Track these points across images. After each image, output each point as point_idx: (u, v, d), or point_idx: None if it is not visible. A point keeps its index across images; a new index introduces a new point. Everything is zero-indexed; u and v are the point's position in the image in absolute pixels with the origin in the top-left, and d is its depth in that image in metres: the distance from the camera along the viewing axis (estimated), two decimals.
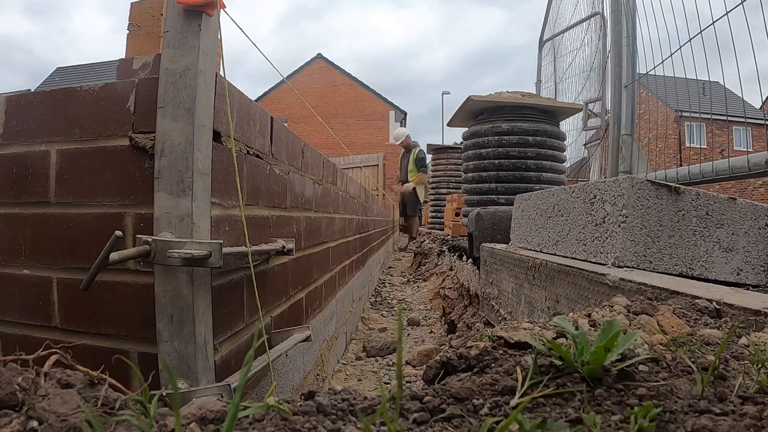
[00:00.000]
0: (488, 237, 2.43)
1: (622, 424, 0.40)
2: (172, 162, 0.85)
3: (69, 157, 0.94)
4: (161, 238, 0.81)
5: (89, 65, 20.27)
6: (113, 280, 0.89)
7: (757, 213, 1.32)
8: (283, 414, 0.41)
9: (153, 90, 0.88)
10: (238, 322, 1.04)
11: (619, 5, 2.92)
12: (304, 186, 1.62)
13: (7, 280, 0.97)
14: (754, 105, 16.63)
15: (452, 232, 4.93)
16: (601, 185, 1.35)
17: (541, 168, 3.46)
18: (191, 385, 0.82)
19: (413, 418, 0.43)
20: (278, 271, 1.32)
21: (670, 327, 0.67)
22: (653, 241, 1.23)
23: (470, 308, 2.69)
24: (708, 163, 2.04)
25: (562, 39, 5.73)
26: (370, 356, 2.48)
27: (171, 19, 0.88)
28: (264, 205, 1.21)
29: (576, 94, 5.27)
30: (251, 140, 1.12)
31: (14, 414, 0.40)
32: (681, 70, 2.17)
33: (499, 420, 0.42)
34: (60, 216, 0.94)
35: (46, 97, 0.97)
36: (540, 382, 0.49)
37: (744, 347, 0.59)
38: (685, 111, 14.62)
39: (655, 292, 0.91)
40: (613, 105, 2.98)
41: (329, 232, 2.11)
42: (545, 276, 1.44)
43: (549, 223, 1.68)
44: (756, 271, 1.32)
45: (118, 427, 0.39)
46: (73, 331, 0.92)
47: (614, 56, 2.97)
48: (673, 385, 0.47)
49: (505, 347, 0.61)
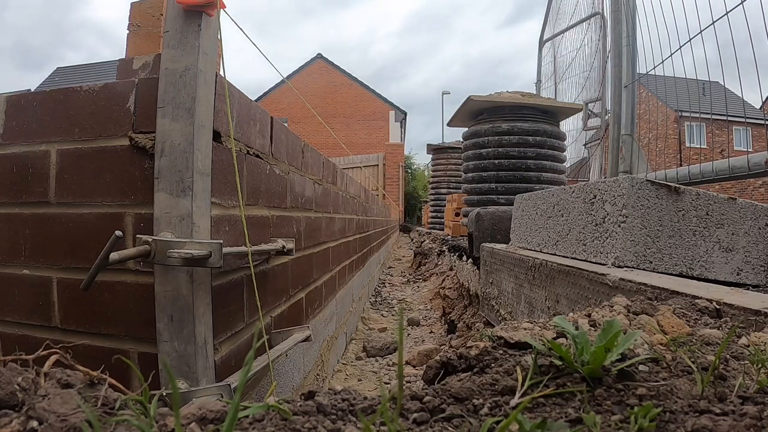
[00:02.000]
0: (488, 237, 2.43)
1: (622, 424, 0.40)
2: (172, 162, 0.85)
3: (69, 157, 0.94)
4: (161, 238, 0.81)
5: (89, 65, 20.29)
6: (113, 280, 0.89)
7: (757, 213, 1.32)
8: (283, 414, 0.41)
9: (153, 90, 0.88)
10: (238, 322, 1.04)
11: (619, 5, 2.92)
12: (304, 186, 1.62)
13: (7, 280, 0.97)
14: (753, 105, 16.63)
15: (452, 232, 4.93)
16: (601, 185, 1.35)
17: (541, 168, 3.46)
18: (191, 385, 0.82)
19: (413, 418, 0.43)
20: (278, 271, 1.32)
21: (670, 327, 0.67)
22: (653, 241, 1.23)
23: (470, 308, 2.69)
24: (708, 163, 2.03)
25: (562, 39, 5.73)
26: (370, 356, 2.48)
27: (171, 19, 0.88)
28: (264, 205, 1.21)
29: (576, 94, 5.27)
30: (251, 140, 1.12)
31: (14, 414, 0.40)
32: (687, 68, 2.16)
33: (499, 420, 0.42)
34: (60, 216, 0.94)
35: (46, 97, 0.97)
36: (540, 382, 0.49)
37: (744, 347, 0.59)
38: (685, 111, 14.63)
39: (655, 292, 0.91)
40: (613, 105, 2.98)
41: (329, 232, 2.11)
42: (545, 276, 1.44)
43: (549, 223, 1.68)
44: (756, 271, 1.32)
45: (118, 427, 0.39)
46: (73, 331, 0.92)
47: (614, 56, 2.97)
48: (673, 385, 0.47)
49: (505, 347, 0.61)
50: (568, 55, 5.56)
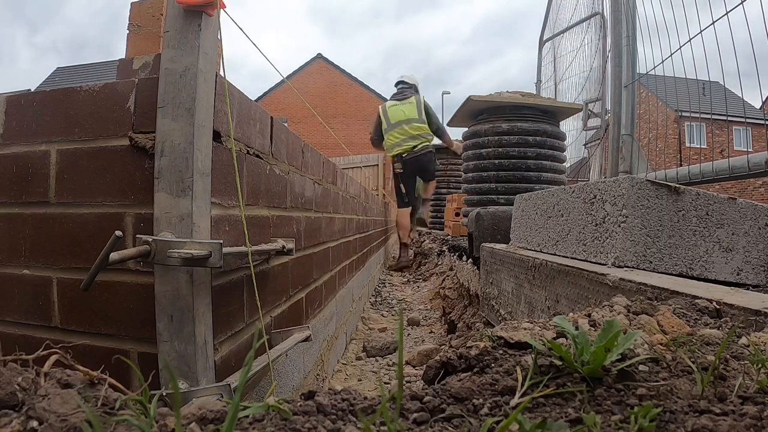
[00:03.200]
0: (488, 237, 2.43)
1: (622, 424, 0.40)
2: (172, 162, 0.85)
3: (69, 157, 0.94)
4: (161, 238, 0.81)
5: (89, 65, 20.30)
6: (113, 280, 0.89)
7: (757, 213, 1.32)
8: (283, 414, 0.41)
9: (153, 90, 0.88)
10: (238, 322, 1.04)
11: (619, 5, 2.92)
12: (304, 186, 1.62)
13: (7, 280, 0.97)
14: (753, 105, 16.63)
15: (452, 232, 4.93)
16: (601, 185, 1.35)
17: (541, 168, 3.46)
18: (191, 385, 0.82)
19: (413, 418, 0.43)
20: (278, 271, 1.32)
21: (670, 327, 0.67)
22: (653, 241, 1.23)
23: (470, 308, 2.69)
24: (708, 163, 2.03)
25: (562, 39, 5.73)
26: (370, 356, 2.48)
27: (171, 19, 0.88)
28: (264, 205, 1.21)
29: (576, 94, 5.27)
30: (251, 140, 1.12)
31: (14, 414, 0.40)
32: (687, 69, 2.16)
33: (499, 420, 0.42)
34: (60, 216, 0.94)
35: (46, 97, 0.97)
36: (540, 382, 0.49)
37: (744, 347, 0.59)
38: (685, 111, 14.63)
39: (655, 292, 0.91)
40: (613, 105, 2.98)
41: (329, 232, 2.11)
42: (545, 276, 1.44)
43: (549, 223, 1.68)
44: (756, 271, 1.32)
45: (118, 427, 0.39)
46: (73, 331, 0.92)
47: (614, 56, 2.96)
48: (673, 385, 0.47)
49: (505, 347, 0.61)
50: (568, 55, 5.57)
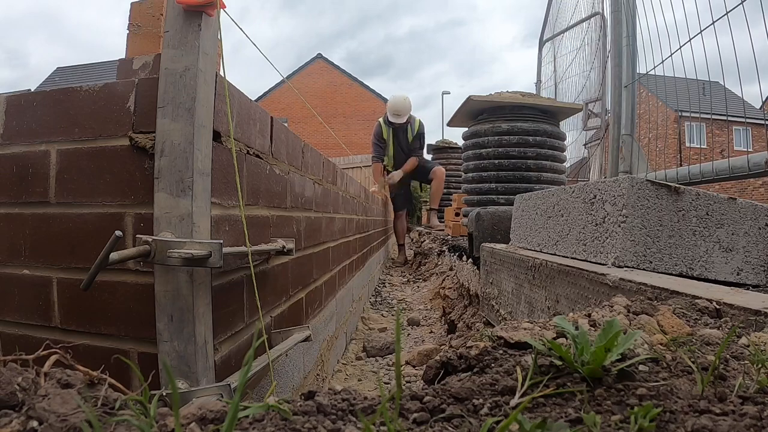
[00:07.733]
0: (488, 237, 2.43)
1: (622, 424, 0.40)
2: (172, 162, 0.85)
3: (69, 157, 0.94)
4: (161, 238, 0.81)
5: (89, 65, 20.29)
6: (113, 280, 0.89)
7: (757, 213, 1.32)
8: (283, 414, 0.41)
9: (153, 90, 0.88)
10: (238, 322, 1.04)
11: (619, 5, 2.92)
12: (304, 186, 1.62)
13: (7, 280, 0.97)
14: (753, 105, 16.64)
15: (452, 232, 4.93)
16: (601, 185, 1.35)
17: (541, 168, 3.46)
18: (191, 385, 0.82)
19: (413, 418, 0.43)
20: (278, 271, 1.32)
21: (670, 327, 0.67)
22: (653, 241, 1.23)
23: (470, 308, 2.69)
24: (708, 163, 2.03)
25: (562, 39, 5.73)
26: (370, 356, 2.48)
27: (171, 19, 0.88)
28: (264, 205, 1.21)
29: (576, 94, 5.27)
30: (251, 140, 1.12)
31: (14, 414, 0.40)
32: (687, 68, 2.16)
33: (499, 420, 0.42)
34: (60, 216, 0.94)
35: (46, 97, 0.97)
36: (540, 382, 0.49)
37: (744, 347, 0.59)
38: (685, 111, 14.62)
39: (655, 292, 0.91)
40: (613, 105, 2.98)
41: (329, 232, 2.11)
42: (545, 276, 1.44)
43: (549, 223, 1.68)
44: (756, 271, 1.32)
45: (118, 427, 0.39)
46: (73, 331, 0.92)
47: (614, 56, 2.96)
48: (673, 385, 0.47)
49: (505, 347, 0.61)
50: (568, 55, 5.57)
